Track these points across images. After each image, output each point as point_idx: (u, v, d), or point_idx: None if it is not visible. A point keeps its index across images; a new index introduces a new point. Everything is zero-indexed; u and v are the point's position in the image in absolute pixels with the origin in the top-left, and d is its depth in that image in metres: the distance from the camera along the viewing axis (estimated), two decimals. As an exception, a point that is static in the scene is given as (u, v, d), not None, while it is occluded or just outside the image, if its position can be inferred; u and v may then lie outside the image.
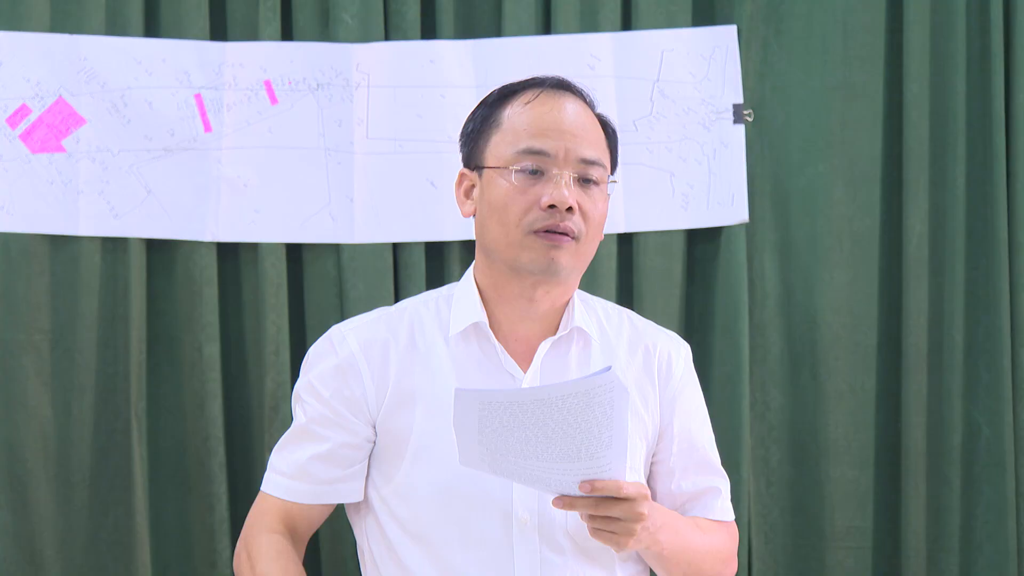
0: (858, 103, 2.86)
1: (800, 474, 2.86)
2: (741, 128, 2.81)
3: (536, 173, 1.93)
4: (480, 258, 2.03)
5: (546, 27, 2.83)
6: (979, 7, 2.85)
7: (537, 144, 1.94)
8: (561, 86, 2.01)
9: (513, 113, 1.97)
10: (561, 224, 1.92)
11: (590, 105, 2.03)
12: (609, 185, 2.00)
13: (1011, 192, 2.84)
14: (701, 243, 2.85)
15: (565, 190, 1.91)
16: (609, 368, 1.71)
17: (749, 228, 2.83)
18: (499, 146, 1.97)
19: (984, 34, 2.84)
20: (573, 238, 1.93)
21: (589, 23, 2.82)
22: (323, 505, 2.03)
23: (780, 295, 2.87)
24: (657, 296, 2.81)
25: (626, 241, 2.83)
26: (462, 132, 2.06)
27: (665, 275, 2.82)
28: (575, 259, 1.95)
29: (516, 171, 1.93)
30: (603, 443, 1.74)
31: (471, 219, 2.05)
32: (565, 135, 1.94)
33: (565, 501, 1.81)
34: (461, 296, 2.03)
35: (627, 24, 2.84)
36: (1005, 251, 2.83)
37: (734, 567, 2.12)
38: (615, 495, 1.79)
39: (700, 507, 2.09)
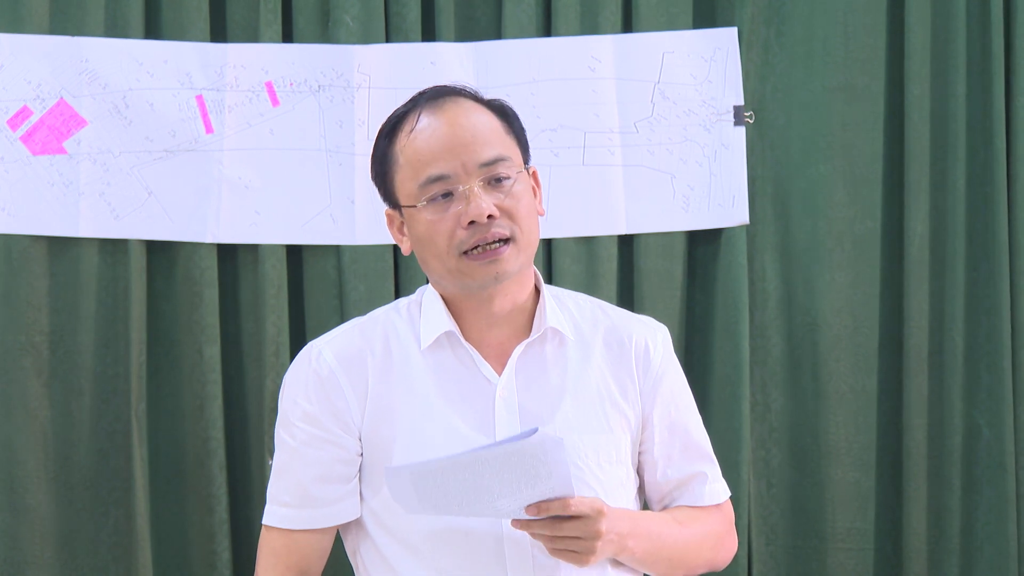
0: (859, 105, 2.86)
1: (801, 476, 2.86)
2: (742, 130, 2.81)
3: (446, 196, 1.90)
4: (433, 283, 2.02)
5: (546, 29, 2.83)
6: (980, 9, 2.85)
7: (434, 171, 1.90)
8: (438, 95, 1.96)
9: (405, 146, 1.93)
10: (489, 235, 1.89)
11: (475, 98, 1.98)
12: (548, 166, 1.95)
13: (1012, 194, 2.84)
14: (702, 244, 2.85)
15: (479, 202, 1.88)
16: (535, 430, 1.73)
17: (750, 230, 2.83)
18: (404, 183, 1.94)
19: (985, 36, 2.84)
20: (507, 240, 1.91)
21: (589, 25, 2.82)
22: (330, 530, 1.99)
23: (781, 296, 2.87)
24: (657, 297, 2.81)
25: (627, 243, 2.83)
26: (371, 173, 2.02)
27: (666, 276, 2.82)
28: (519, 257, 1.92)
29: (425, 204, 1.91)
30: (543, 476, 1.76)
31: None
32: (456, 149, 1.90)
33: (521, 523, 1.81)
34: (429, 305, 2.00)
35: (627, 26, 2.84)
36: (1006, 253, 2.83)
37: (731, 545, 2.09)
38: (563, 513, 1.79)
39: (688, 495, 2.06)
